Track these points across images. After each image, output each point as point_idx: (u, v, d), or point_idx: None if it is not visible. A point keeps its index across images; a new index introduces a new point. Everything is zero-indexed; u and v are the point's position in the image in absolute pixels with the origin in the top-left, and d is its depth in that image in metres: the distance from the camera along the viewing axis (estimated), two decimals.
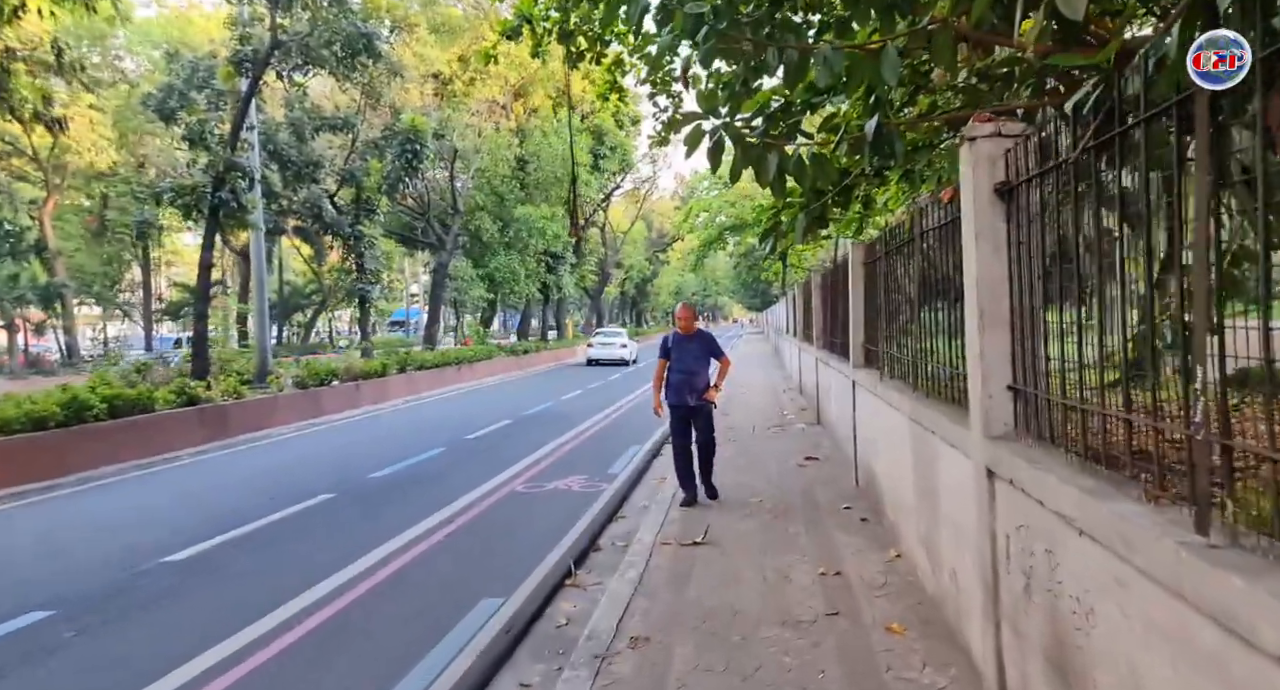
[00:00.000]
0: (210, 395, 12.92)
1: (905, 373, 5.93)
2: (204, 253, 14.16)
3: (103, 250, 27.91)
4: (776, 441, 11.24)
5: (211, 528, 7.67)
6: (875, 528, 6.51)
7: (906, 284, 5.72)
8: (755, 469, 9.23)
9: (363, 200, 20.49)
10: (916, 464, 5.06)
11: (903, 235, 5.76)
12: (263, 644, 4.89)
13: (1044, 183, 3.03)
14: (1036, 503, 2.78)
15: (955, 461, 3.96)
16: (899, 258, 6.00)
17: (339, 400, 17.01)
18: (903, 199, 9.22)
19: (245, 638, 4.98)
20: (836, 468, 9.13)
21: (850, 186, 8.02)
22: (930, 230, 4.71)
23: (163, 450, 11.60)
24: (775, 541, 6.23)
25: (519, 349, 31.48)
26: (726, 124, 4.81)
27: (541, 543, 6.93)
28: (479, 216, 29.10)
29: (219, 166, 13.43)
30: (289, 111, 19.76)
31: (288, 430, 14.50)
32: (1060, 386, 2.98)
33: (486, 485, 9.46)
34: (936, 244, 4.62)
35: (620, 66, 11.84)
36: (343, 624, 5.21)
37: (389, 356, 20.69)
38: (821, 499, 7.68)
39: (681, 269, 75.05)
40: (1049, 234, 3.01)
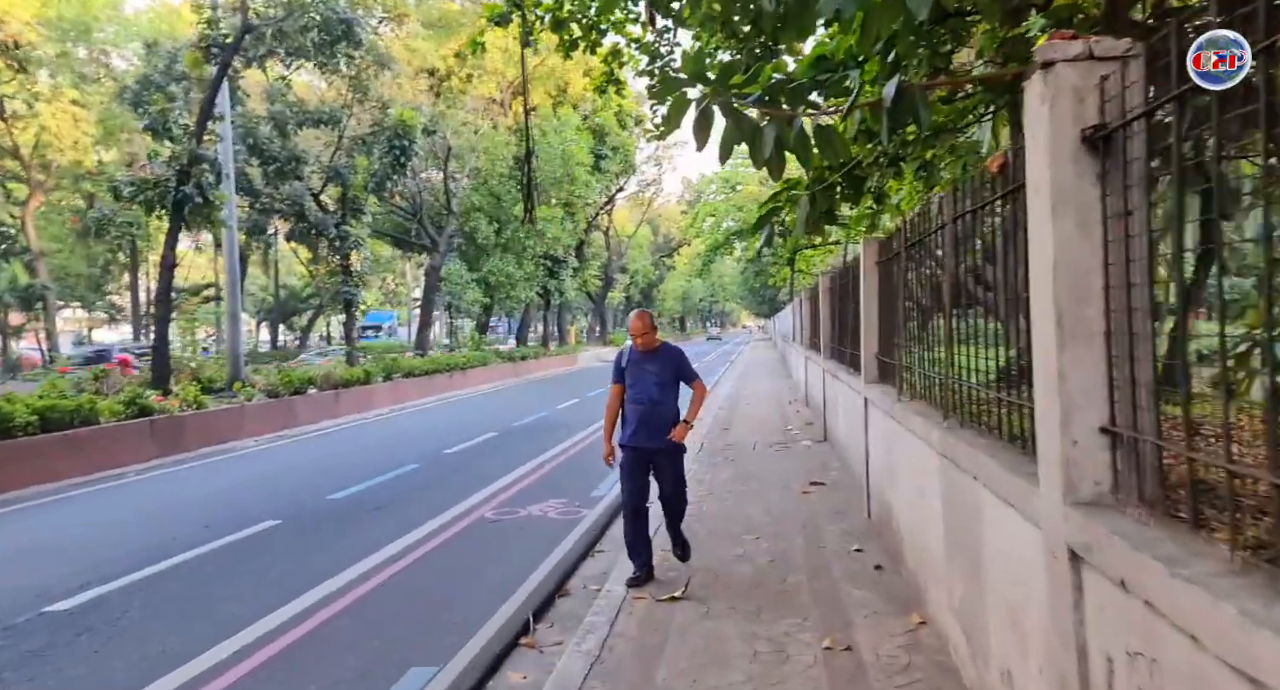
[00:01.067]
0: (167, 405, 11.90)
1: (930, 393, 4.86)
2: (166, 251, 13.16)
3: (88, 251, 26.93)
4: (779, 461, 10.16)
5: (122, 565, 6.64)
6: (892, 578, 5.43)
7: (933, 284, 4.65)
8: (753, 496, 8.15)
9: (349, 199, 19.51)
10: (949, 511, 3.99)
11: (929, 224, 4.69)
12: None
13: (1164, 124, 1.99)
14: (1184, 636, 1.70)
15: (1011, 524, 2.89)
16: (923, 253, 4.93)
17: (315, 410, 16.01)
18: (916, 198, 8.17)
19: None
20: (845, 495, 8.05)
21: (861, 177, 7.07)
22: (971, 213, 3.65)
23: (106, 466, 10.59)
24: (771, 597, 5.15)
25: (517, 355, 30.49)
26: (716, 91, 3.83)
27: (502, 585, 5.91)
28: (475, 218, 28.10)
29: (183, 159, 12.46)
30: (271, 105, 18.79)
31: (255, 443, 13.49)
32: (1184, 430, 1.93)
33: (454, 510, 8.43)
34: (982, 229, 3.56)
35: (618, 57, 10.83)
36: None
37: (376, 363, 19.70)
38: (829, 537, 6.60)
39: (688, 274, 74.02)
40: (1172, 198, 1.95)
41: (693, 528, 6.90)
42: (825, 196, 7.23)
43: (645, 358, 5.65)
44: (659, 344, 5.72)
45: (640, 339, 5.63)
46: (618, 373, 5.75)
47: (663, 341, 5.74)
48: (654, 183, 56.01)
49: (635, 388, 5.61)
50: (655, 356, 5.67)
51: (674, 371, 5.68)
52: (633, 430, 5.59)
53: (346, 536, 7.50)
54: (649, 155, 52.92)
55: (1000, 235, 3.34)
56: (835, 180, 7.09)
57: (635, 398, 5.60)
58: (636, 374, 5.62)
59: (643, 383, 5.60)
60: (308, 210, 18.61)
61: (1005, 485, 2.91)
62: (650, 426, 5.55)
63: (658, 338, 5.74)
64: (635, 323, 5.66)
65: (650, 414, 5.55)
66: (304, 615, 5.42)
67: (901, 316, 5.72)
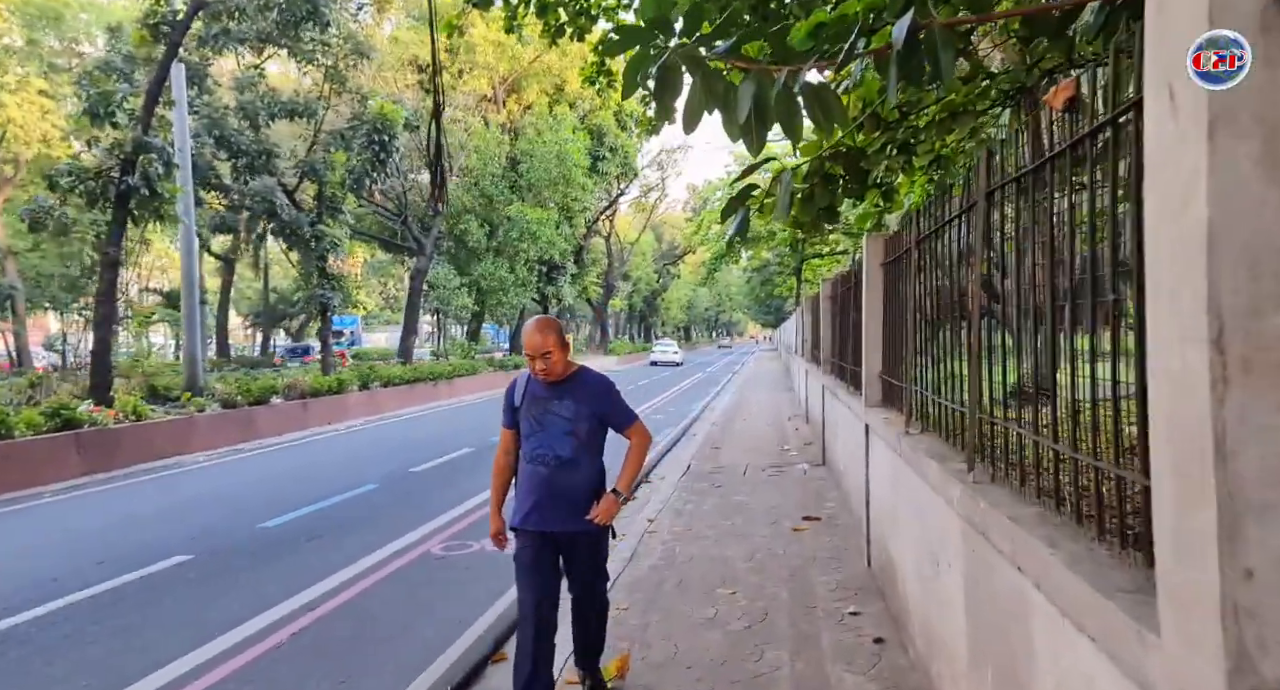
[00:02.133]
0: (100, 417, 10.83)
1: (947, 425, 3.75)
2: (108, 248, 12.07)
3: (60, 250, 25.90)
4: (771, 490, 9.03)
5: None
6: (895, 656, 4.30)
7: (958, 286, 3.54)
8: (737, 535, 7.03)
9: (326, 197, 18.46)
10: (976, 601, 2.87)
11: (952, 207, 3.60)
12: None
13: None
14: None
15: (1089, 662, 1.78)
16: (944, 245, 3.83)
17: (279, 421, 14.93)
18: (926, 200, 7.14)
19: None
20: (843, 535, 6.93)
21: (866, 170, 6.07)
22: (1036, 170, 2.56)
23: (19, 486, 9.50)
24: (743, 685, 4.02)
25: (509, 364, 29.40)
26: (682, 45, 2.78)
27: (425, 649, 4.85)
28: (465, 220, 27.03)
29: (126, 147, 11.43)
30: (240, 95, 17.76)
31: (205, 458, 12.40)
32: None
33: (400, 541, 7.38)
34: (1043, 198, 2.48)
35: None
36: None
37: (351, 371, 18.64)
38: (820, 591, 5.47)
39: (693, 283, 72.92)
40: None
41: (661, 577, 5.80)
42: (825, 191, 6.15)
43: (550, 392, 3.62)
44: (575, 369, 3.70)
45: (539, 362, 3.53)
46: (508, 413, 3.76)
47: (580, 367, 3.74)
48: (657, 188, 54.99)
49: (535, 439, 3.61)
50: (567, 389, 3.62)
51: (595, 413, 3.65)
52: (532, 504, 3.60)
53: (262, 577, 6.42)
54: (652, 158, 51.99)
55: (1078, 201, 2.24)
56: (836, 171, 6.05)
57: (536, 454, 3.60)
58: (538, 416, 3.61)
59: (547, 431, 3.59)
60: (280, 208, 17.56)
61: (1080, 604, 1.80)
62: (558, 499, 3.58)
63: (573, 361, 3.76)
64: (532, 336, 3.53)
65: (558, 480, 3.57)
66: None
67: (912, 328, 4.61)
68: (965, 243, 3.29)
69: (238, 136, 17.22)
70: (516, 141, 29.63)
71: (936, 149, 6.45)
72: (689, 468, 10.55)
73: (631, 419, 3.76)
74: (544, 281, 33.82)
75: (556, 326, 3.64)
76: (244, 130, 17.52)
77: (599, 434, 3.71)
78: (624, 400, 3.81)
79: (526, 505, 3.62)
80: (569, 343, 3.70)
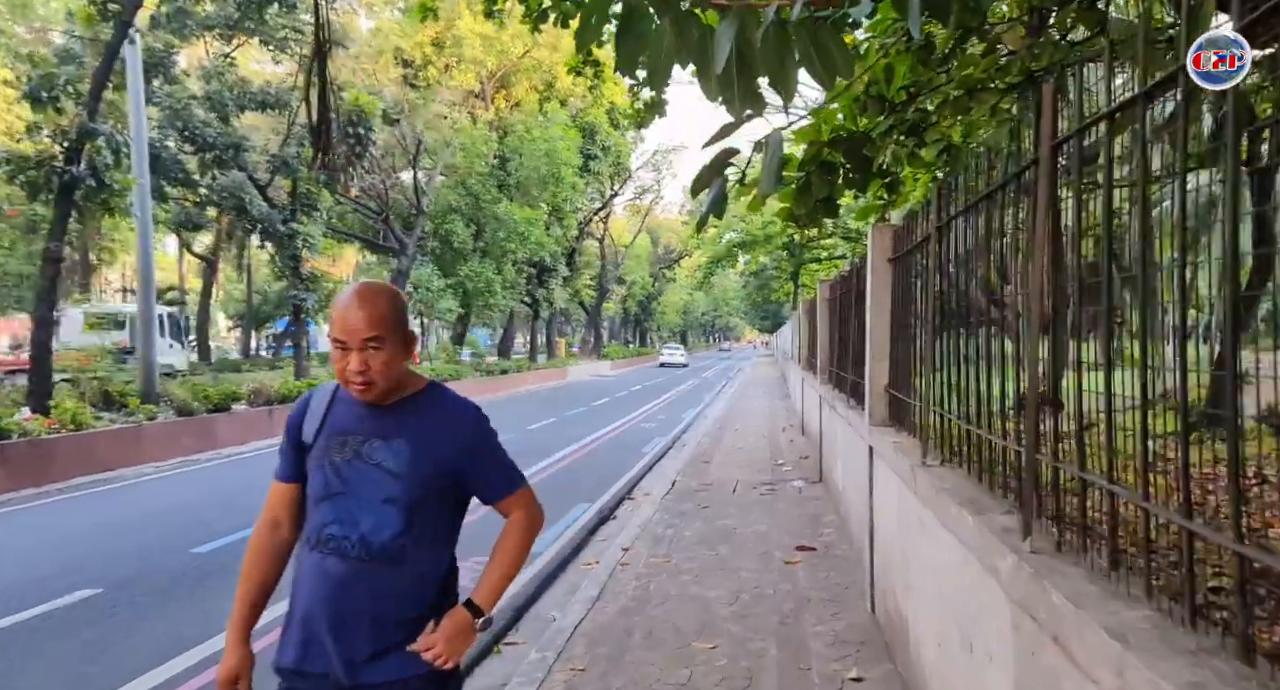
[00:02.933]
0: (33, 427, 9.93)
1: (981, 462, 2.90)
2: (50, 243, 11.16)
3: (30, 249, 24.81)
4: (762, 511, 8.17)
5: None
6: None
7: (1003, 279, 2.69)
8: (721, 569, 6.16)
9: (299, 193, 17.59)
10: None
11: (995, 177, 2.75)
12: None
13: None
14: None
15: None
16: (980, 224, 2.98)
17: (242, 430, 14.03)
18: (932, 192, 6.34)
19: None
20: (842, 569, 6.08)
21: (869, 157, 5.40)
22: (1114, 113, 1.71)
23: None
24: None
25: (497, 369, 28.46)
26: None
27: None
28: (451, 219, 26.11)
29: (71, 134, 10.56)
30: (207, 84, 16.87)
31: (154, 469, 11.49)
32: None
33: None
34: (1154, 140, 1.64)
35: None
36: None
37: (329, 374, 17.73)
38: (815, 645, 4.62)
39: (689, 287, 72.03)
40: None
41: (630, 624, 4.94)
42: (823, 180, 5.41)
43: (371, 422, 1.97)
44: (422, 387, 2.05)
45: (356, 360, 1.87)
46: (289, 455, 2.06)
47: (429, 382, 2.09)
48: (653, 190, 54.10)
49: (331, 505, 1.93)
50: (400, 420, 1.97)
51: (447, 466, 1.97)
52: (312, 627, 1.94)
53: (174, 615, 5.56)
54: (647, 159, 51.19)
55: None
56: (835, 158, 5.31)
57: (327, 535, 1.92)
58: (340, 465, 1.94)
59: (352, 493, 1.93)
60: (250, 204, 16.68)
61: None
62: (360, 619, 1.90)
63: (420, 373, 2.17)
64: (349, 311, 1.88)
65: (363, 583, 1.90)
66: None
67: (930, 337, 3.75)
68: (1016, 219, 2.44)
69: (204, 128, 16.33)
70: (505, 139, 28.74)
71: (949, 135, 5.67)
72: (674, 485, 9.69)
73: (515, 482, 2.08)
74: (533, 284, 32.91)
75: (395, 300, 1.97)
76: (211, 122, 16.64)
77: (448, 503, 2.02)
78: (502, 447, 2.09)
79: (302, 629, 1.94)
80: (416, 335, 2.07)
